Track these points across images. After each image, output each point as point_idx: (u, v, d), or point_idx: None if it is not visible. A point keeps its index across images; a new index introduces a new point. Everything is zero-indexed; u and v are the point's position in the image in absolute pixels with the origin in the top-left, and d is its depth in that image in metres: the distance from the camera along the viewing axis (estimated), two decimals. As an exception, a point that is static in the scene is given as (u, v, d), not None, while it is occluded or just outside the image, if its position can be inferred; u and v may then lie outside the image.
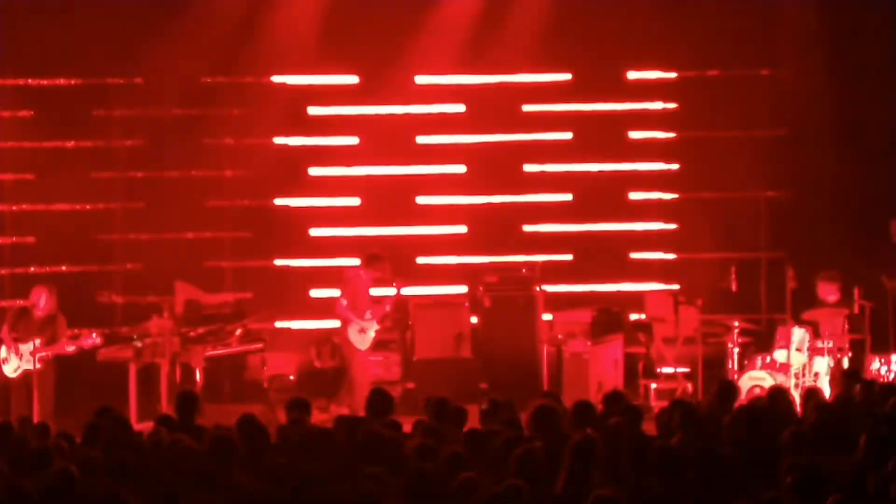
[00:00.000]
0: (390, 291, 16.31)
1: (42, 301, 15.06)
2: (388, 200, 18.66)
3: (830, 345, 15.35)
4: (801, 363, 15.31)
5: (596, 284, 18.28)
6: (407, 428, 10.52)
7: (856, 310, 15.62)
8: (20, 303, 15.81)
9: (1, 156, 18.36)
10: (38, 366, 14.75)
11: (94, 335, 15.09)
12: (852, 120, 17.93)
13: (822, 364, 15.27)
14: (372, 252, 16.31)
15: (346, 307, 16.03)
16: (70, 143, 18.29)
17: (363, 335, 16.02)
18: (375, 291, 16.33)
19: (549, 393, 12.39)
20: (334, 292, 16.48)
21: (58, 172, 18.21)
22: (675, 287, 18.00)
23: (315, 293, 18.35)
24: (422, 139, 18.76)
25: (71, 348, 14.98)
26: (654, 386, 16.49)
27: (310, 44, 18.35)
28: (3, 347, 15.06)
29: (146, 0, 18.09)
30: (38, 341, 14.81)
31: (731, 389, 11.60)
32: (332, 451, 9.30)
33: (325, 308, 17.58)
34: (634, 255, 18.68)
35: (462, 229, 18.79)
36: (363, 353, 16.11)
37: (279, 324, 17.65)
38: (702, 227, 18.39)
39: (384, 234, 18.27)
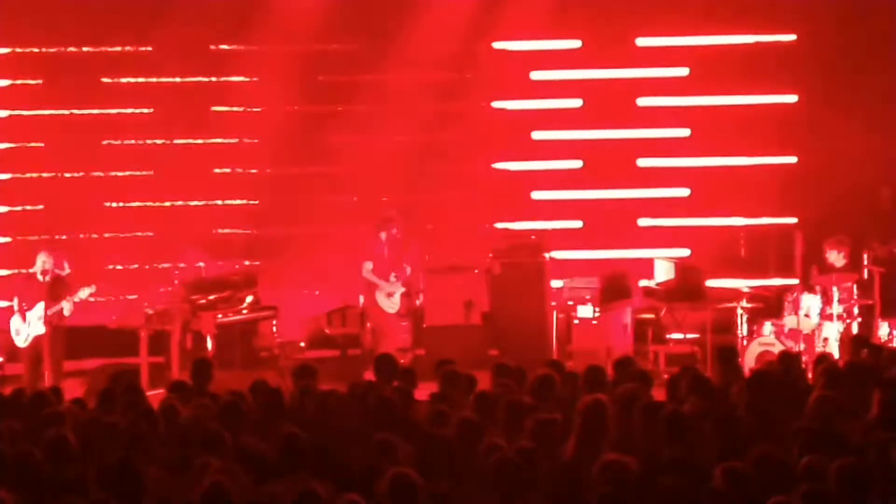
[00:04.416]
0: (410, 254, 16.29)
1: (49, 266, 14.93)
2: (401, 170, 18.65)
3: (840, 310, 15.35)
4: (811, 329, 15.33)
5: (605, 251, 18.30)
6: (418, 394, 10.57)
7: (864, 275, 15.60)
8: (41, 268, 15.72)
9: (11, 123, 18.39)
10: (45, 329, 14.69)
11: (90, 286, 14.91)
12: (864, 85, 17.88)
13: (832, 329, 15.28)
14: (384, 214, 16.29)
15: (371, 272, 16.01)
16: (79, 111, 18.33)
17: (391, 299, 16.01)
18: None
19: (553, 361, 12.38)
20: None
21: (67, 140, 18.27)
22: (685, 253, 18.02)
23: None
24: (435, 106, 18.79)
25: (69, 306, 14.81)
26: (663, 352, 16.50)
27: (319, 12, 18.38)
28: (16, 318, 15.01)
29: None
30: (43, 305, 14.75)
31: (728, 353, 11.67)
32: (343, 417, 9.34)
33: (335, 275, 17.65)
34: (644, 222, 18.69)
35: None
36: (393, 318, 16.10)
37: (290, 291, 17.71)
38: (711, 193, 18.39)
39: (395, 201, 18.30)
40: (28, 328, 14.83)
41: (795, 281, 15.57)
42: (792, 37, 18.33)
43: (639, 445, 8.37)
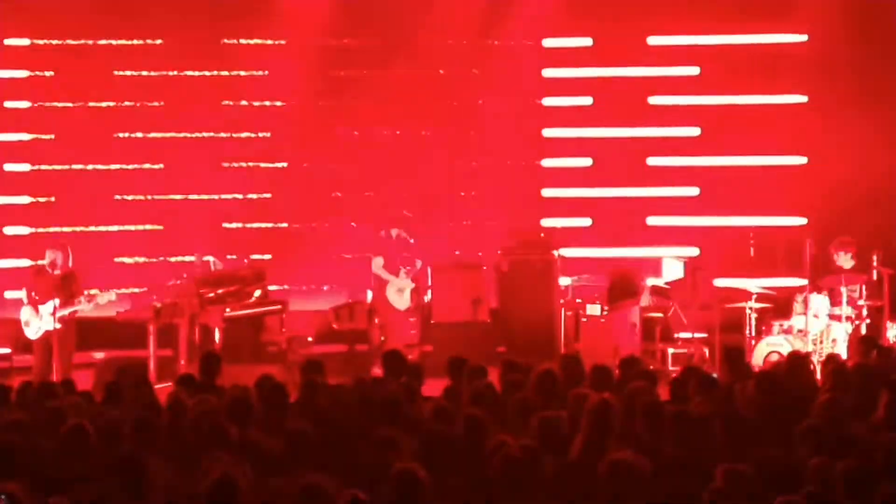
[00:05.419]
0: (419, 252, 16.31)
1: (59, 260, 14.97)
2: (411, 166, 18.64)
3: (849, 311, 15.32)
4: (819, 330, 15.31)
5: (614, 249, 18.29)
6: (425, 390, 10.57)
7: (873, 276, 15.58)
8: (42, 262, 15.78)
9: (23, 115, 18.41)
10: (57, 326, 14.68)
11: (110, 291, 14.96)
12: (874, 86, 17.85)
13: (840, 330, 15.26)
14: (396, 214, 16.30)
15: (382, 267, 16.02)
16: (91, 104, 18.35)
17: (401, 295, 16.03)
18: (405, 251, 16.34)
19: (569, 355, 12.35)
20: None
21: (79, 132, 18.29)
22: (694, 252, 18.00)
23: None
24: (446, 102, 18.77)
25: (88, 306, 14.83)
26: (671, 351, 16.47)
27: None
28: (26, 309, 15.00)
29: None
30: (57, 301, 14.74)
31: (736, 353, 11.65)
32: (350, 412, 9.34)
33: (343, 270, 17.67)
34: (653, 221, 18.68)
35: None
36: (401, 314, 16.10)
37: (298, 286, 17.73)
38: (721, 193, 18.37)
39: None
40: (40, 321, 14.80)
41: (804, 281, 15.54)
42: (803, 37, 18.31)
43: (644, 445, 8.36)
